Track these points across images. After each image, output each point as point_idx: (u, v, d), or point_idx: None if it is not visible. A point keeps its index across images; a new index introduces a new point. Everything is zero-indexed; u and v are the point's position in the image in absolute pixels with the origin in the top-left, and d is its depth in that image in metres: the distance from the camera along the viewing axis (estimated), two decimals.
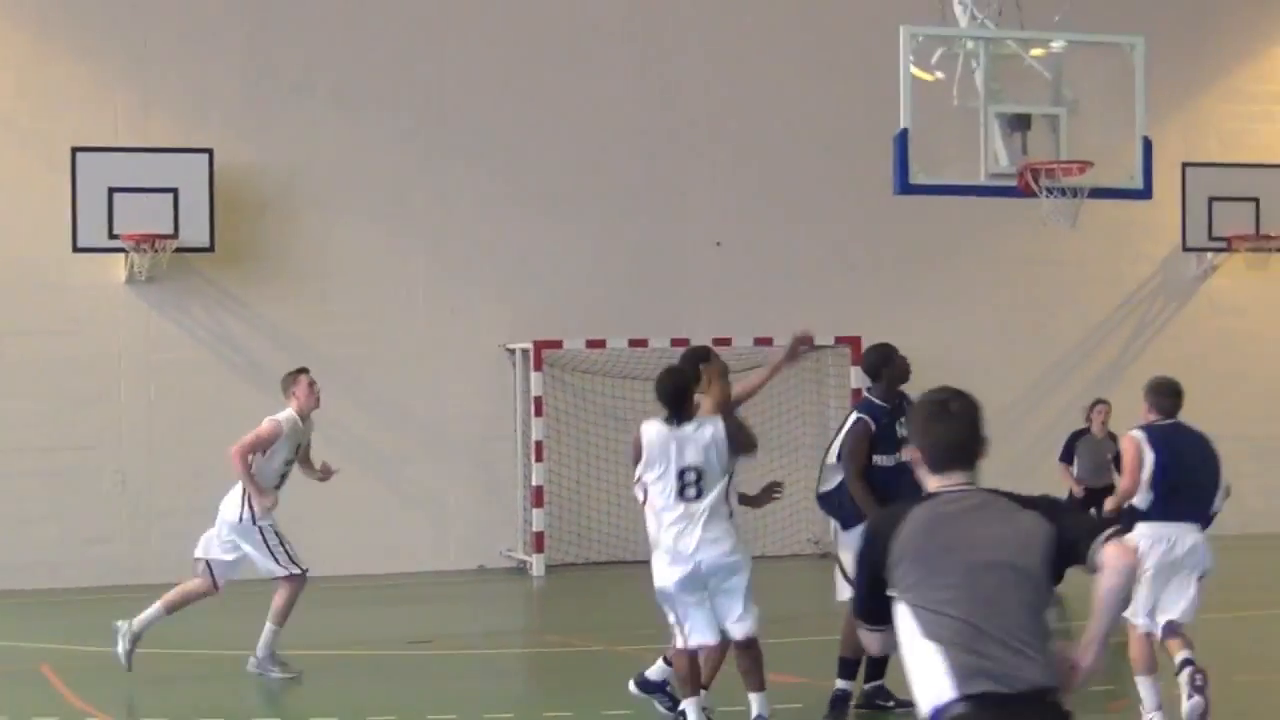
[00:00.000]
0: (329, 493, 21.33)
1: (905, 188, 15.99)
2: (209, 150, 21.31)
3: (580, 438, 22.64)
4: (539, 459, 21.99)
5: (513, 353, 22.51)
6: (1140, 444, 11.91)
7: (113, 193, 20.90)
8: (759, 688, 11.00)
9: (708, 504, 10.78)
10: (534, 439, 22.00)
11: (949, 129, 16.16)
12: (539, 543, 21.86)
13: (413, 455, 22.42)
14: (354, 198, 22.33)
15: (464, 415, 22.45)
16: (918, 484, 5.71)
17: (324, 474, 15.02)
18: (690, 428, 10.86)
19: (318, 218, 22.20)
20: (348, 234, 22.27)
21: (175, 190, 21.09)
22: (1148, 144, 16.64)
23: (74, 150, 20.94)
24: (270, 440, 14.44)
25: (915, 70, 15.59)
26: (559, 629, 17.76)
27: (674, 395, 10.98)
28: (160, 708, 13.42)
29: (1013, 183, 16.20)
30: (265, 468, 14.48)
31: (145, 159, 21.19)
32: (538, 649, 16.80)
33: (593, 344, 22.36)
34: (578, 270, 22.86)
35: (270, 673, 14.07)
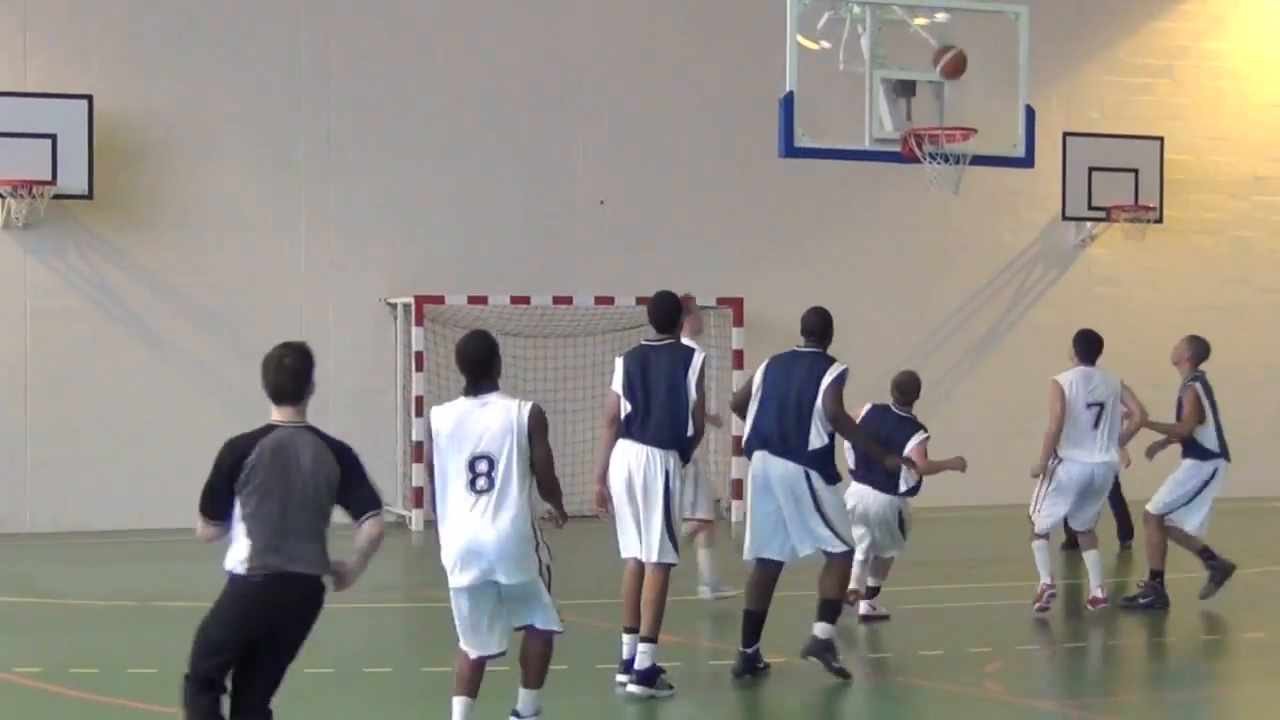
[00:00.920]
0: (206, 443, 21.21)
1: (790, 151, 16.06)
2: (88, 96, 21.05)
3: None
4: (419, 414, 21.92)
5: (394, 307, 22.42)
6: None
7: None
8: (534, 685, 9.93)
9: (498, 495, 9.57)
10: (414, 394, 21.95)
11: (834, 93, 16.24)
12: (418, 498, 21.82)
13: None
14: (235, 147, 22.14)
15: (344, 369, 22.32)
16: None
17: None
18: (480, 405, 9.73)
19: (198, 167, 21.99)
20: (228, 184, 22.08)
21: (54, 136, 20.84)
22: (1030, 113, 16.80)
23: None
24: None
25: (801, 39, 15.66)
26: (438, 584, 17.70)
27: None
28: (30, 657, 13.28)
29: (897, 148, 16.31)
30: None
31: (23, 104, 20.93)
32: (416, 603, 16.78)
33: (475, 300, 22.31)
34: (461, 226, 22.80)
35: None
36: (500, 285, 22.44)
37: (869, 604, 14.81)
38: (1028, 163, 17.27)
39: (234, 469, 8.29)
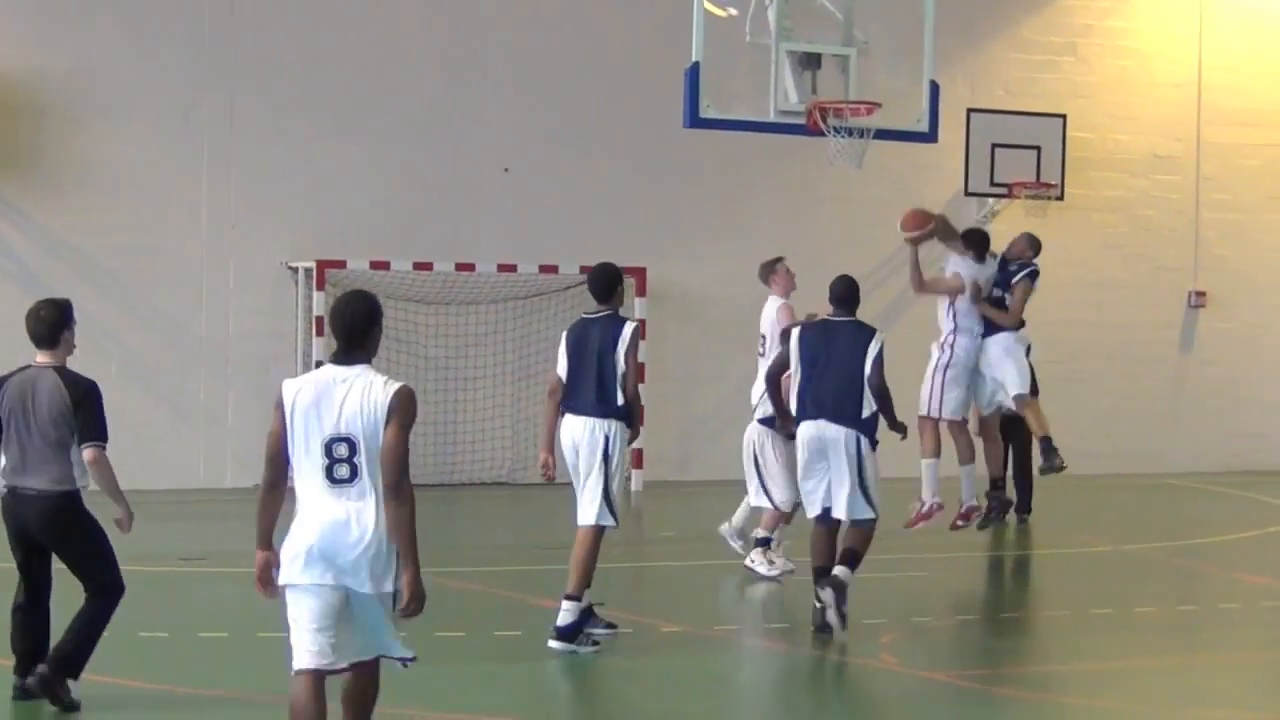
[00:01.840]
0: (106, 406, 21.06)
1: (695, 121, 16.09)
2: None
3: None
4: None
5: (295, 271, 22.30)
6: None
7: None
8: None
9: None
10: (315, 359, 21.83)
11: (740, 65, 16.26)
12: None
13: (191, 371, 22.16)
14: (137, 108, 21.93)
15: (244, 333, 22.22)
16: None
17: None
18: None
19: (99, 127, 21.77)
20: (130, 145, 21.88)
21: None
22: (935, 88, 16.89)
23: None
24: None
25: (708, 5, 15.68)
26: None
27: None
28: None
29: (801, 121, 16.34)
30: None
31: None
32: None
33: (377, 265, 22.21)
34: (364, 190, 22.69)
35: None
36: (403, 251, 22.35)
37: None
38: (931, 138, 17.36)
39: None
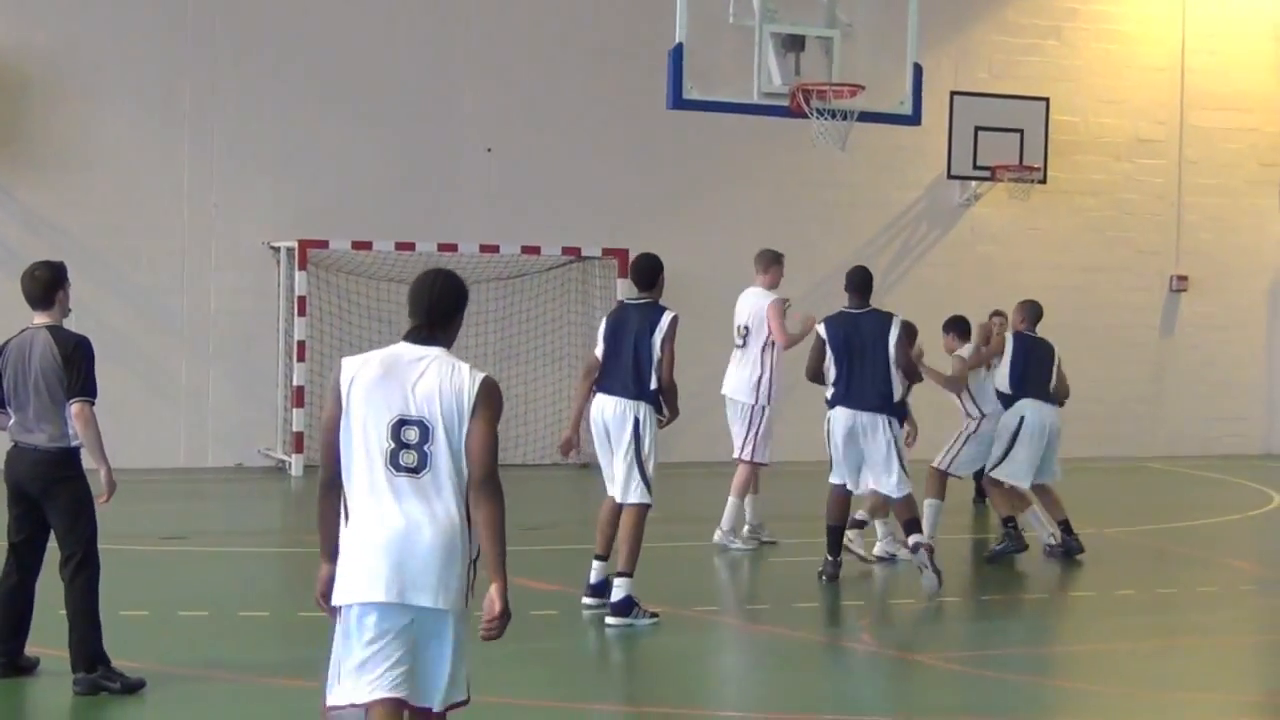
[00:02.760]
0: None
1: (678, 102, 16.10)
2: None
3: (343, 339, 22.51)
4: (301, 359, 21.83)
5: (277, 250, 22.27)
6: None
7: None
8: None
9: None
10: (296, 339, 21.82)
11: (724, 46, 16.26)
12: (299, 443, 21.72)
13: (172, 350, 22.13)
14: (120, 84, 21.88)
15: (226, 312, 22.20)
16: None
17: None
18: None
19: (82, 106, 21.73)
20: (112, 121, 21.83)
21: None
22: (919, 71, 16.90)
23: None
24: None
25: None
26: (316, 529, 17.67)
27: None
28: None
29: (785, 103, 16.36)
30: None
31: None
32: (294, 548, 16.71)
33: (359, 245, 22.18)
34: (346, 171, 22.65)
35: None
36: (385, 231, 22.32)
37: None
38: (915, 120, 17.37)
39: (2, 364, 10.21)
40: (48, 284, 10.24)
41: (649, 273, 13.38)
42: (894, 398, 14.28)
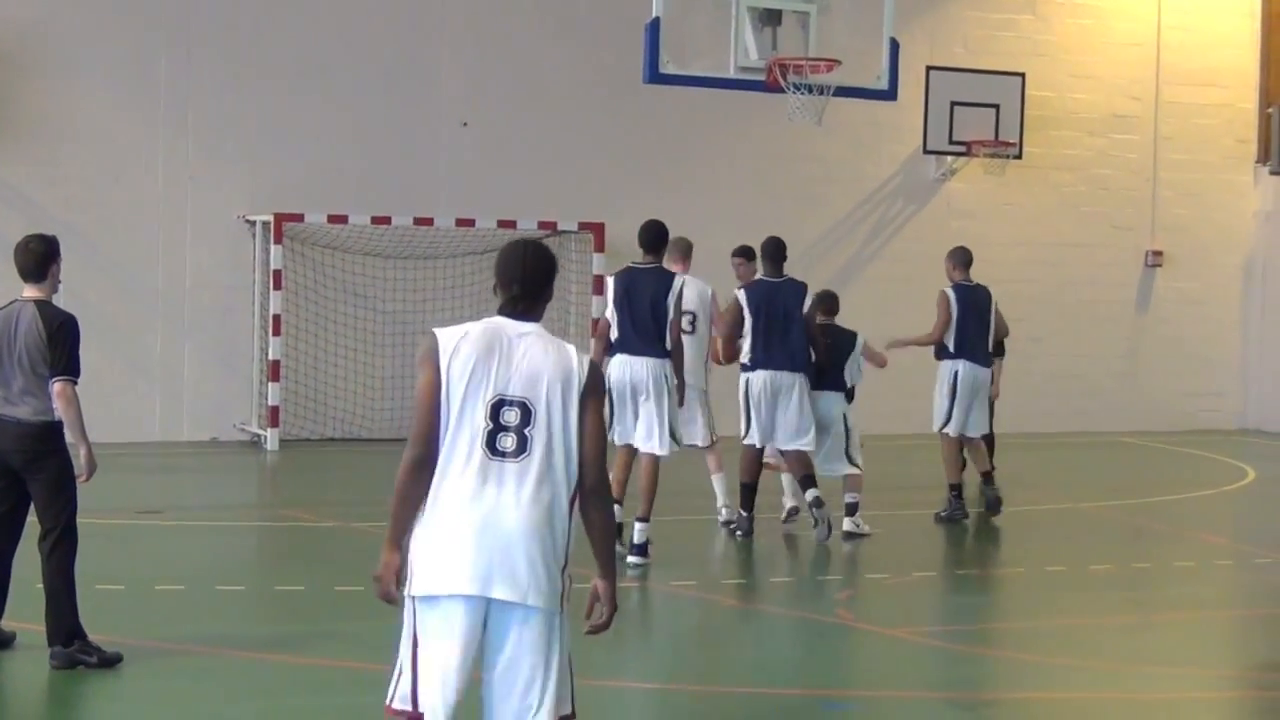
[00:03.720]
0: None
1: (655, 77, 16.08)
2: None
3: (319, 313, 22.47)
4: (276, 333, 21.77)
5: (252, 224, 22.21)
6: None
7: None
8: None
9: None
10: (272, 312, 21.77)
11: (700, 20, 16.25)
12: (274, 417, 21.69)
13: (148, 324, 22.07)
14: (94, 58, 21.78)
15: (201, 286, 22.14)
16: None
17: None
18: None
19: (56, 77, 21.63)
20: (87, 95, 21.74)
21: None
22: (895, 45, 16.89)
23: None
24: None
25: None
26: (292, 503, 17.70)
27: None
28: None
29: (761, 77, 16.35)
30: None
31: None
32: (270, 523, 16.72)
33: (334, 219, 22.13)
34: (322, 144, 22.59)
35: None
36: (361, 205, 22.28)
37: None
38: (890, 95, 17.37)
39: None
40: (41, 257, 10.33)
41: (656, 237, 14.41)
42: (809, 360, 15.29)
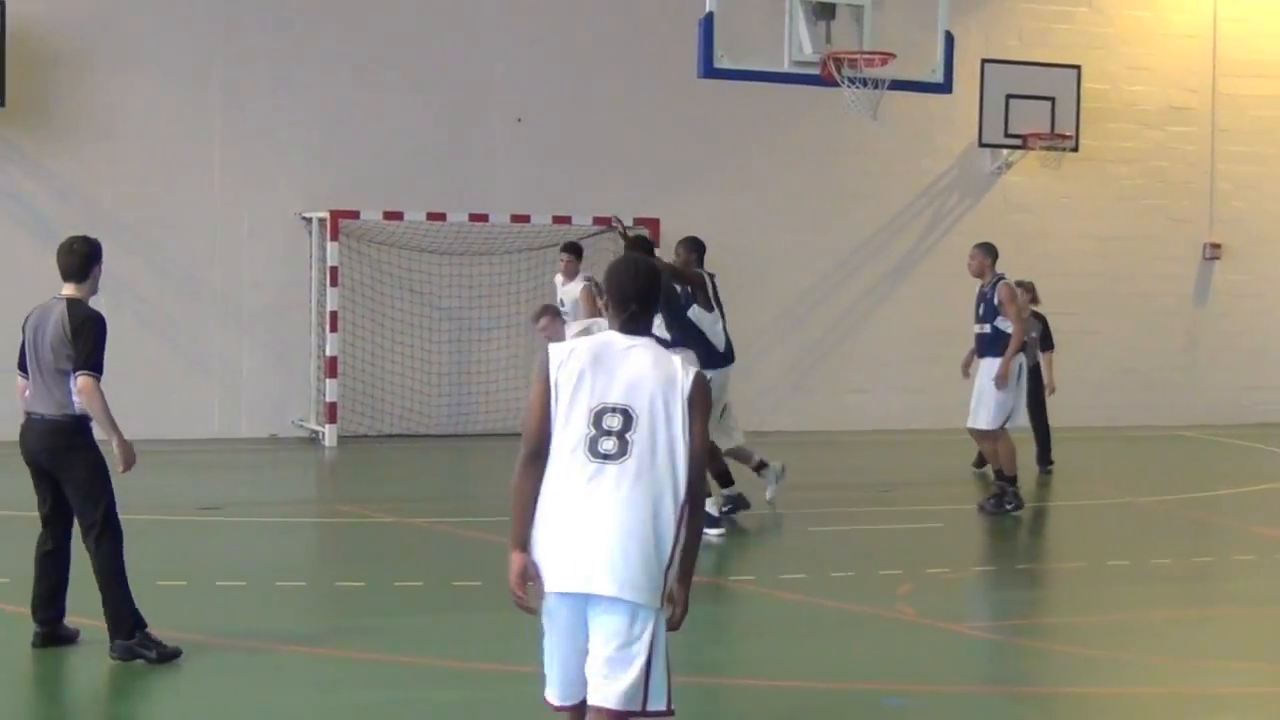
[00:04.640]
0: (117, 356, 21.07)
1: (709, 72, 16.05)
2: (1, 2, 20.78)
3: (376, 309, 22.53)
4: (334, 329, 21.85)
5: (309, 221, 22.28)
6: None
7: None
8: None
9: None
10: (329, 309, 21.85)
11: (754, 14, 16.21)
12: (331, 413, 21.76)
13: (206, 321, 22.16)
14: (152, 56, 21.89)
15: (259, 283, 22.22)
16: None
17: None
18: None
19: (114, 75, 21.74)
20: (144, 93, 21.85)
21: None
22: (950, 39, 16.82)
23: None
24: None
25: None
26: (351, 499, 17.74)
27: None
28: None
29: (816, 71, 16.31)
30: None
31: None
32: (330, 519, 16.77)
33: (390, 215, 22.20)
34: (378, 141, 22.64)
35: None
36: (416, 201, 22.34)
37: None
38: (946, 89, 17.30)
39: (24, 331, 10.26)
40: (84, 258, 10.26)
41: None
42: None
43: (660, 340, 10.02)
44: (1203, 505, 18.20)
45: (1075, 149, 25.13)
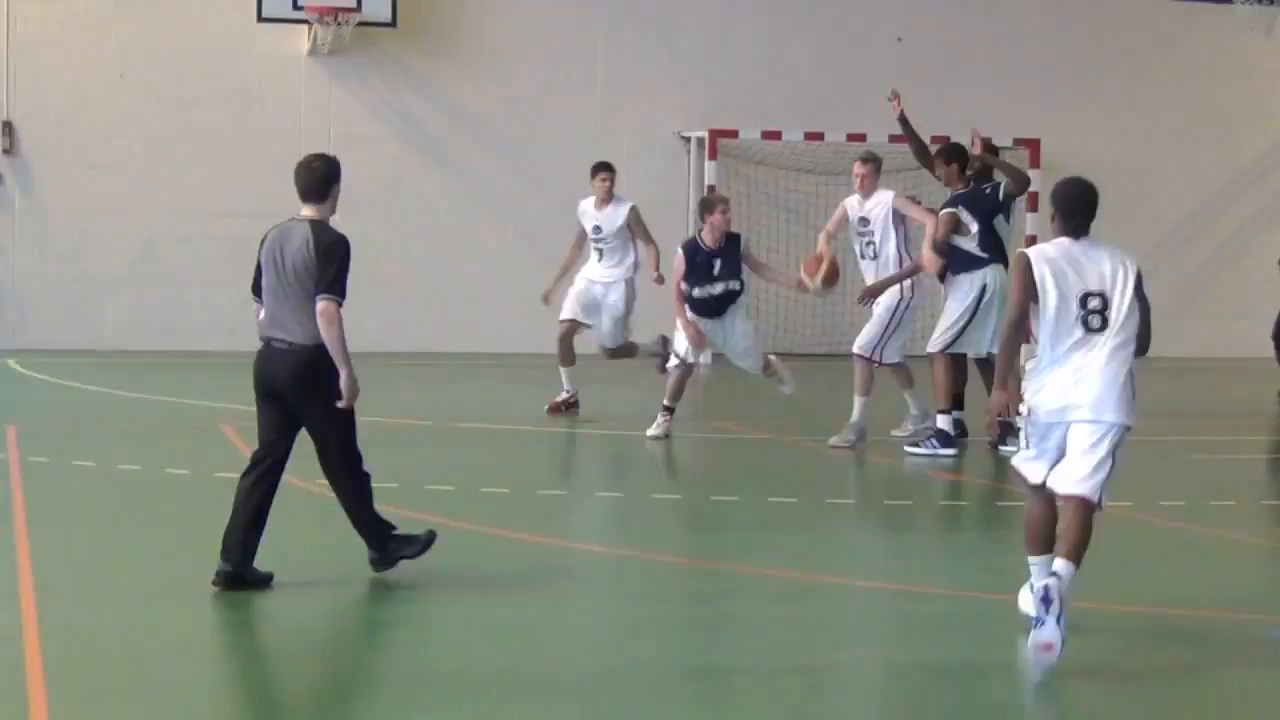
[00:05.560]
0: (498, 271, 21.56)
1: None
2: None
3: (752, 229, 22.56)
4: None
5: (688, 141, 22.47)
6: None
7: None
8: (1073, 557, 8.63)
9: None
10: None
11: None
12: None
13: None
14: None
15: (638, 202, 22.45)
16: None
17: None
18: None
19: None
20: (529, 14, 22.24)
21: None
22: None
23: None
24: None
25: None
26: (725, 415, 17.90)
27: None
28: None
29: None
30: None
31: None
32: (705, 434, 16.94)
33: (768, 135, 22.28)
34: (757, 61, 22.72)
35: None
36: (793, 121, 22.37)
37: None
38: None
39: (260, 254, 9.63)
40: (324, 177, 9.64)
41: None
42: None
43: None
44: None
45: None
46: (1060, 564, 8.47)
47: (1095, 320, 8.66)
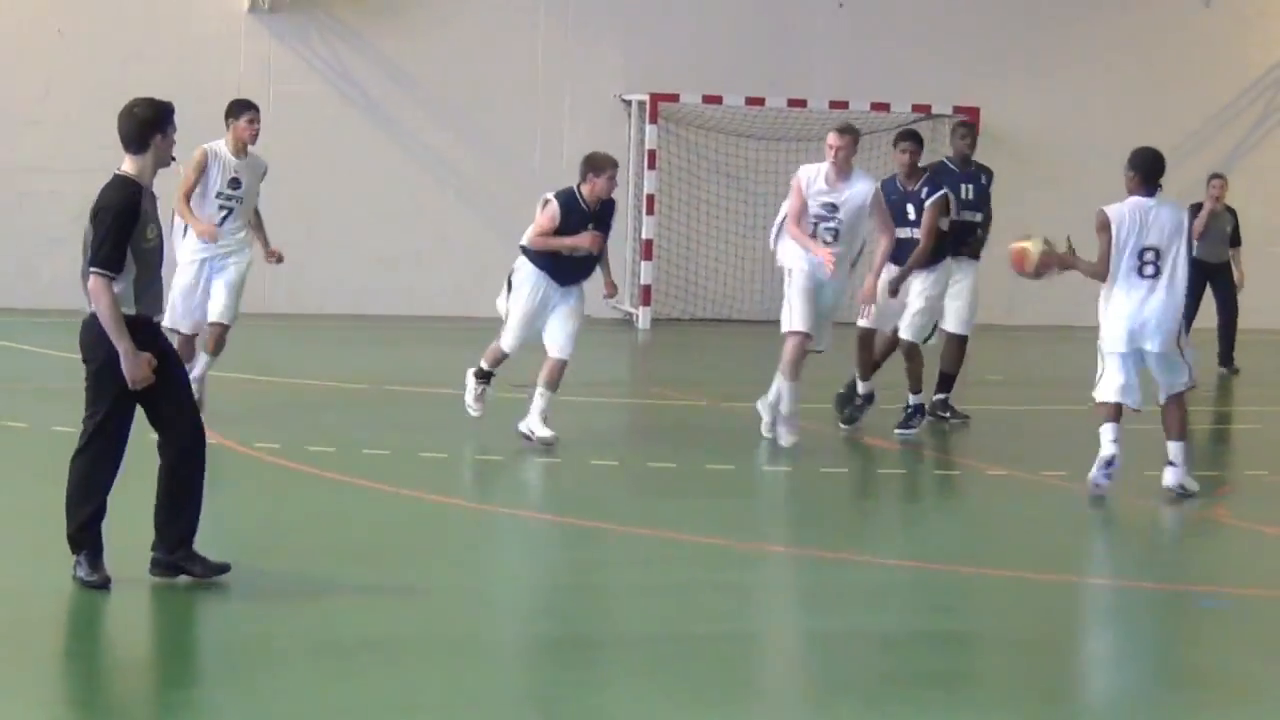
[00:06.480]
0: (437, 232, 21.49)
1: None
2: None
3: (692, 193, 22.64)
4: (650, 212, 22.01)
5: (629, 104, 22.43)
6: None
7: None
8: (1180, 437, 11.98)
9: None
10: (646, 192, 22.00)
11: None
12: (646, 295, 21.95)
13: (523, 201, 22.38)
14: None
15: (577, 164, 22.32)
16: None
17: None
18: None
19: None
20: None
21: None
22: None
23: None
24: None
25: None
26: (663, 381, 17.92)
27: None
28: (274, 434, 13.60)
29: None
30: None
31: None
32: (643, 400, 16.95)
33: (709, 99, 22.24)
34: (698, 24, 22.68)
35: None
36: (735, 86, 22.34)
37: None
38: None
39: None
40: (145, 122, 8.61)
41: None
42: None
43: None
44: None
45: None
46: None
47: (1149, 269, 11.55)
